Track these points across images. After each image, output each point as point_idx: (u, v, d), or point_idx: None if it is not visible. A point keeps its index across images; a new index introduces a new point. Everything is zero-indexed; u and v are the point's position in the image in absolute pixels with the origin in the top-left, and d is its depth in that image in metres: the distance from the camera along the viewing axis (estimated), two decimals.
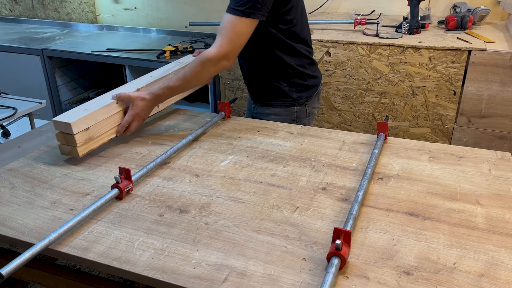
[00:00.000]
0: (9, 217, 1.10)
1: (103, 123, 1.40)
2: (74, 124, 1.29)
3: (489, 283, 0.88)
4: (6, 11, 4.00)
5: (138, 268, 0.93)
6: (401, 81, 2.31)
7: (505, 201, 1.14)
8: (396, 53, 2.26)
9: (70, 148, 1.33)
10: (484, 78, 2.16)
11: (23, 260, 0.91)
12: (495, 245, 0.98)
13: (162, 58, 2.84)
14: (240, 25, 1.40)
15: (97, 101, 1.44)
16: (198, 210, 1.12)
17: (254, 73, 1.71)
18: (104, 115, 1.40)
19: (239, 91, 2.69)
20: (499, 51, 2.10)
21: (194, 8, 3.35)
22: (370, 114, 2.44)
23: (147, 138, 1.53)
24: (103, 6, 3.64)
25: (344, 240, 0.91)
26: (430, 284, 0.88)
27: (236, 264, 0.93)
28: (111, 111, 1.43)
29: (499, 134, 2.25)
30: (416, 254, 0.96)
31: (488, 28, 2.50)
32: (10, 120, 2.29)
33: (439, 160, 1.35)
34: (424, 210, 1.11)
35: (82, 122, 1.32)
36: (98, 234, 1.03)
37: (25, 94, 2.63)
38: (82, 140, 1.33)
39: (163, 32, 3.48)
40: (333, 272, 0.86)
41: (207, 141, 1.49)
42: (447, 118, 2.32)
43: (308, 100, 1.71)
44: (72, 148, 1.32)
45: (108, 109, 1.42)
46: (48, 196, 1.19)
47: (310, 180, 1.25)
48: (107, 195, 1.13)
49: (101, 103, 1.42)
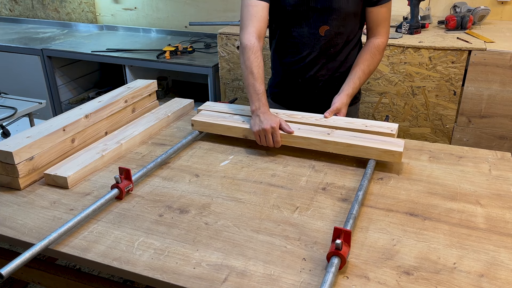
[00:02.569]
0: (9, 217, 1.10)
1: (49, 151, 1.28)
2: (16, 153, 1.17)
3: (489, 283, 0.88)
4: (6, 11, 4.00)
5: (138, 268, 0.93)
6: (401, 81, 2.31)
7: (505, 201, 1.14)
8: (396, 53, 2.26)
9: (9, 179, 1.21)
10: (484, 78, 2.16)
11: (23, 260, 0.91)
12: (495, 245, 0.98)
13: (162, 58, 2.84)
14: (391, 8, 1.50)
15: (42, 127, 1.32)
16: (198, 210, 1.12)
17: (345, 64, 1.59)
18: (50, 143, 1.28)
19: (239, 91, 2.69)
20: (499, 51, 2.10)
21: (194, 8, 3.35)
22: (370, 114, 2.44)
23: (147, 138, 1.53)
24: (103, 6, 3.64)
25: (344, 240, 0.91)
26: (430, 284, 0.87)
27: (236, 264, 0.93)
28: (58, 139, 1.31)
29: (499, 134, 2.25)
30: (416, 254, 0.96)
31: (488, 28, 2.50)
32: (10, 120, 2.29)
33: (439, 160, 1.35)
34: (424, 210, 1.11)
35: (25, 151, 1.20)
36: (98, 234, 1.03)
37: (25, 94, 2.63)
38: (25, 170, 1.21)
39: (163, 32, 3.48)
40: (333, 272, 0.86)
41: (207, 141, 1.49)
42: (447, 118, 2.32)
43: None
44: (13, 179, 1.21)
45: (54, 137, 1.30)
46: (48, 196, 1.19)
47: (310, 180, 1.25)
48: (107, 195, 1.13)
49: (46, 129, 1.30)
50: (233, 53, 2.57)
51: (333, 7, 1.44)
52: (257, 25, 1.45)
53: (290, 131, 1.36)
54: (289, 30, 1.52)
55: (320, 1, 1.44)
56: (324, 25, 1.47)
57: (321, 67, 1.55)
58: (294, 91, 1.63)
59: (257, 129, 1.36)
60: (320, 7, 1.44)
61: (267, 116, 1.37)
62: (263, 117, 1.36)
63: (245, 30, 1.45)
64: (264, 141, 1.37)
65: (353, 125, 1.39)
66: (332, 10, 1.44)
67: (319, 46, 1.51)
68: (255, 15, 1.45)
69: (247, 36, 1.44)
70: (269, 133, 1.34)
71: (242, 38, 1.45)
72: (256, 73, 1.41)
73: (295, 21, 1.49)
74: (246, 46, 1.43)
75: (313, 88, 1.60)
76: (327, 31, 1.48)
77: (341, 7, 1.44)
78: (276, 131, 1.35)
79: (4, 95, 2.47)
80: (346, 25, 1.48)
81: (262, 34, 1.47)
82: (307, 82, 1.59)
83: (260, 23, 1.46)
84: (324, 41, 1.50)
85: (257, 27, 1.45)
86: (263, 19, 1.46)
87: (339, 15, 1.45)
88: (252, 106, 1.41)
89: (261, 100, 1.40)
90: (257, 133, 1.37)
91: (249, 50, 1.42)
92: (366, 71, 1.50)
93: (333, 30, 1.48)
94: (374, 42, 1.51)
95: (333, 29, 1.48)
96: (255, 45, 1.43)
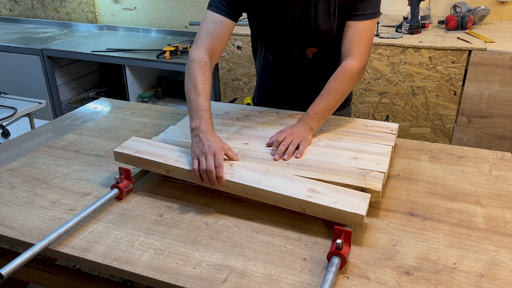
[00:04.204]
0: (9, 217, 1.10)
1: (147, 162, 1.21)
2: None
3: (489, 283, 0.87)
4: (6, 11, 4.00)
5: (138, 268, 0.92)
6: (401, 81, 2.31)
7: (505, 201, 1.14)
8: (396, 53, 2.26)
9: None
10: (484, 78, 2.16)
11: (23, 260, 0.91)
12: (495, 245, 0.98)
13: (162, 58, 2.84)
14: (373, 28, 1.35)
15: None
16: (198, 210, 1.12)
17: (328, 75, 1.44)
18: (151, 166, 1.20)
19: (239, 91, 2.69)
20: (499, 51, 2.10)
21: (194, 8, 3.35)
22: (370, 114, 2.44)
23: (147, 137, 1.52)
24: (103, 6, 3.64)
25: (345, 240, 0.91)
26: (430, 284, 0.87)
27: (236, 264, 0.93)
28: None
29: (499, 134, 2.25)
30: (416, 254, 0.96)
31: (488, 28, 2.50)
32: (10, 120, 2.29)
33: (439, 160, 1.35)
34: (424, 210, 1.11)
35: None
36: (98, 234, 1.03)
37: (25, 94, 2.63)
38: None
39: (163, 32, 3.48)
40: (333, 272, 0.86)
41: None
42: (447, 118, 2.32)
43: None
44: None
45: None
46: (48, 196, 1.19)
47: None
48: (107, 195, 1.13)
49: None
50: (233, 53, 2.57)
51: (320, 28, 1.36)
52: (212, 43, 1.32)
53: (235, 158, 1.17)
54: (274, 54, 1.46)
55: (306, 24, 1.36)
56: (311, 47, 1.41)
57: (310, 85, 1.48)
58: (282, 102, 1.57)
59: (197, 154, 1.12)
60: (306, 29, 1.37)
61: (209, 137, 1.14)
62: (205, 138, 1.14)
63: (197, 45, 1.32)
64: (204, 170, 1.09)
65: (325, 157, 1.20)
66: (317, 32, 1.37)
67: (307, 68, 1.45)
68: (213, 32, 1.33)
69: (198, 50, 1.30)
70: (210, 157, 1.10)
71: (191, 52, 1.31)
72: (200, 88, 1.22)
73: (279, 44, 1.43)
74: (193, 60, 1.28)
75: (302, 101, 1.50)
76: (315, 53, 1.42)
77: (328, 28, 1.36)
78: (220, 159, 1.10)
79: (4, 95, 2.48)
80: (335, 45, 1.40)
81: (215, 53, 1.33)
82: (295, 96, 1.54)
83: (217, 41, 1.33)
84: (313, 63, 1.44)
85: (211, 46, 1.32)
86: (220, 39, 1.33)
87: (326, 36, 1.38)
88: (191, 123, 1.19)
89: (203, 117, 1.18)
90: (195, 157, 1.12)
91: (196, 63, 1.27)
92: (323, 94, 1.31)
93: (321, 52, 1.42)
94: (341, 66, 1.33)
95: (321, 51, 1.42)
96: (203, 60, 1.28)
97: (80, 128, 1.62)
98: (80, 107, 1.86)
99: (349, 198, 1.01)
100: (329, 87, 1.32)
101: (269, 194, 1.05)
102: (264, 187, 1.06)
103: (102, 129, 1.60)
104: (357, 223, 0.98)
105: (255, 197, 1.08)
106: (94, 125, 1.64)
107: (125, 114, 1.74)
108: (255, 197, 1.08)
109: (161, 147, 1.22)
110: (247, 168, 1.13)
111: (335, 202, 1.00)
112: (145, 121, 1.66)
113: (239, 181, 1.08)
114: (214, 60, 1.33)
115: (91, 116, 1.74)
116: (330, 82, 1.33)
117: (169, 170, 1.15)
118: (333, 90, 1.31)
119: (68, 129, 1.62)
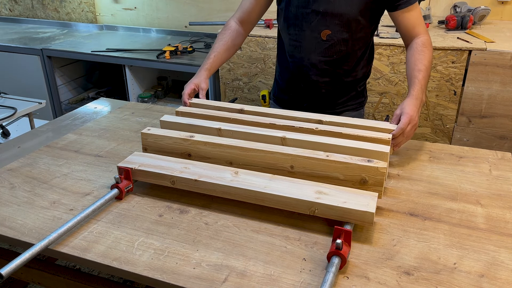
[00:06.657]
0: (9, 217, 1.10)
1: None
2: None
3: (489, 283, 0.87)
4: (6, 11, 4.00)
5: (138, 268, 0.92)
6: (401, 81, 2.31)
7: (505, 201, 1.14)
8: (397, 53, 2.26)
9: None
10: (485, 78, 2.16)
11: (23, 260, 0.91)
12: (496, 245, 0.98)
13: (162, 58, 2.84)
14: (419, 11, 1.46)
15: None
16: (198, 210, 1.12)
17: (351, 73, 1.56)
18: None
19: (239, 91, 2.69)
20: (499, 51, 2.10)
21: (194, 8, 3.35)
22: (371, 114, 2.44)
23: None
24: (103, 6, 3.64)
25: (345, 240, 0.91)
26: (430, 284, 0.87)
27: (236, 264, 0.93)
28: None
29: (500, 134, 2.25)
30: (416, 254, 0.96)
31: (489, 28, 2.50)
32: (10, 120, 2.29)
33: (439, 160, 1.35)
34: (424, 210, 1.11)
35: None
36: (98, 234, 1.03)
37: (25, 94, 2.63)
38: None
39: (163, 32, 3.48)
40: (333, 272, 0.86)
41: None
42: (447, 118, 2.32)
43: None
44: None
45: None
46: (48, 196, 1.19)
47: None
48: (107, 195, 1.13)
49: None
50: None
51: (336, 11, 1.40)
52: (244, 14, 1.61)
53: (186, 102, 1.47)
54: (291, 33, 1.50)
55: (323, 5, 1.41)
56: (326, 29, 1.44)
57: (324, 74, 1.51)
58: (297, 96, 1.61)
59: None
60: (322, 11, 1.42)
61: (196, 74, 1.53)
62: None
63: (232, 16, 1.63)
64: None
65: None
66: (334, 14, 1.41)
67: (320, 50, 1.48)
68: (245, 5, 1.61)
69: (230, 20, 1.63)
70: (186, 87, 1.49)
71: (228, 20, 1.63)
72: (213, 48, 1.58)
73: (297, 24, 1.47)
74: (225, 26, 1.62)
75: (316, 95, 1.57)
76: (329, 36, 1.45)
77: (344, 12, 1.40)
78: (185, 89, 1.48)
79: (4, 95, 2.48)
80: (351, 31, 1.44)
81: (246, 22, 1.62)
82: (309, 87, 1.55)
83: (248, 14, 1.60)
84: (326, 46, 1.47)
85: (242, 16, 1.61)
86: (252, 11, 1.60)
87: (342, 20, 1.41)
88: None
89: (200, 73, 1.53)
90: None
91: (223, 29, 1.61)
92: (422, 68, 1.37)
93: (335, 35, 1.44)
94: (415, 42, 1.42)
95: (335, 34, 1.44)
96: (231, 27, 1.60)
97: (80, 128, 1.62)
98: (80, 107, 1.86)
99: (357, 197, 1.02)
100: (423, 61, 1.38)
101: (278, 199, 1.05)
102: (273, 191, 1.06)
103: (102, 129, 1.60)
104: (367, 222, 0.99)
105: (264, 203, 1.08)
106: (94, 125, 1.64)
107: (125, 114, 1.74)
108: (264, 202, 1.08)
109: (164, 160, 1.22)
110: (253, 174, 1.14)
111: (344, 202, 1.01)
112: (145, 121, 1.66)
113: (247, 188, 1.08)
114: (245, 27, 1.63)
115: (91, 116, 1.74)
116: (419, 57, 1.39)
117: (174, 181, 1.16)
118: (427, 62, 1.39)
119: (68, 129, 1.62)
